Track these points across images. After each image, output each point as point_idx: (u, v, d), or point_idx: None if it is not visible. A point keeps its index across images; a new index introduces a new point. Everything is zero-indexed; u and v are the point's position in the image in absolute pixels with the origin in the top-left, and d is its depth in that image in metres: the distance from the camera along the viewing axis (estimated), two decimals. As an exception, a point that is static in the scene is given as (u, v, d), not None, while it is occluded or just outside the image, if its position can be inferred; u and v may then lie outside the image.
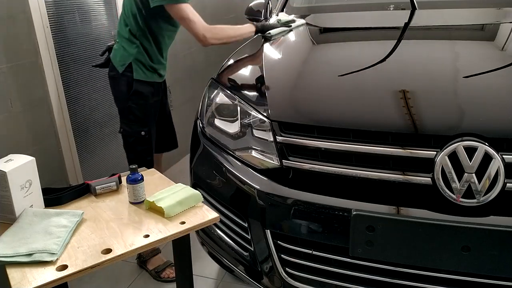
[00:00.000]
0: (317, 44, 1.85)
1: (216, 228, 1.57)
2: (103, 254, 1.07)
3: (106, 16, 2.50)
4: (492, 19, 1.76)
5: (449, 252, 1.13)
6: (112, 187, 1.39)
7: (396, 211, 1.19)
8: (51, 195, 1.32)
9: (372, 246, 1.18)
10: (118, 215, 1.25)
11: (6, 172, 1.15)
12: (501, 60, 1.43)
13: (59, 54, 2.14)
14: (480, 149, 1.09)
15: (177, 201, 1.25)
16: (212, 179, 1.52)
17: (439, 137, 1.15)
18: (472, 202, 1.12)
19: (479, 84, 1.29)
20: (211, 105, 1.60)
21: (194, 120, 1.74)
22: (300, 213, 1.27)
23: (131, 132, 1.90)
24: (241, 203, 1.40)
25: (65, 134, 2.22)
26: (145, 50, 1.87)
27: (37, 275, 0.99)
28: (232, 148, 1.46)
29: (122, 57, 1.86)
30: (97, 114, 2.46)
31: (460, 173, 1.12)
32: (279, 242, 1.34)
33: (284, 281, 1.35)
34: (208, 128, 1.59)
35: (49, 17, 2.07)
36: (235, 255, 1.49)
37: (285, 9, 2.25)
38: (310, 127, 1.29)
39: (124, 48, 1.86)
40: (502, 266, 1.11)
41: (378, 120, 1.24)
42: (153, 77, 1.91)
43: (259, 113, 1.39)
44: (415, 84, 1.34)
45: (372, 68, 1.43)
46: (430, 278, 1.19)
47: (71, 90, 2.26)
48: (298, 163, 1.30)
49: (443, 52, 1.55)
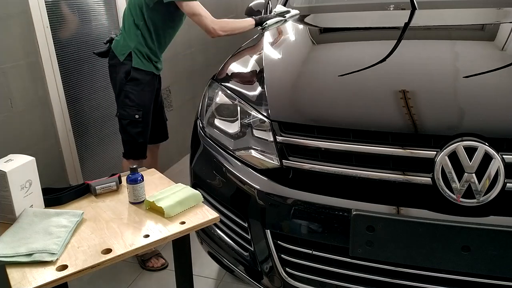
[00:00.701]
0: (317, 44, 1.85)
1: (216, 228, 1.57)
2: (103, 254, 1.07)
3: (106, 16, 2.50)
4: (492, 19, 1.76)
5: (449, 252, 1.13)
6: (112, 187, 1.39)
7: (396, 211, 1.19)
8: (51, 195, 1.32)
9: (372, 246, 1.18)
10: (118, 215, 1.25)
11: (6, 172, 1.15)
12: (501, 60, 1.43)
13: (59, 54, 2.14)
14: (480, 149, 1.09)
15: (177, 201, 1.25)
16: (212, 179, 1.52)
17: (439, 137, 1.15)
18: (472, 202, 1.12)
19: (479, 84, 1.29)
20: (211, 105, 1.60)
21: (194, 120, 1.74)
22: (300, 213, 1.27)
23: (126, 115, 2.01)
24: (241, 203, 1.40)
25: (65, 134, 2.22)
26: (145, 42, 2.00)
27: (37, 275, 0.99)
28: (232, 148, 1.46)
29: (123, 47, 2.00)
30: (97, 114, 2.46)
31: (460, 173, 1.12)
32: (279, 242, 1.34)
33: (284, 281, 1.35)
34: (208, 128, 1.59)
35: (49, 17, 2.07)
36: (235, 255, 1.49)
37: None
38: (310, 127, 1.29)
39: (125, 38, 2.01)
40: (502, 266, 1.11)
41: (378, 120, 1.24)
42: (150, 67, 2.05)
43: (259, 113, 1.39)
44: (415, 84, 1.34)
45: (372, 68, 1.43)
46: (430, 278, 1.19)
47: (71, 90, 2.26)
48: (298, 163, 1.30)
49: (443, 52, 1.55)
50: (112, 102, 2.03)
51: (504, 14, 1.82)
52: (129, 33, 2.00)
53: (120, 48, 2.01)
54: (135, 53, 1.99)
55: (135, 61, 2.00)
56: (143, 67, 2.02)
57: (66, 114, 2.22)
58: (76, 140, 2.31)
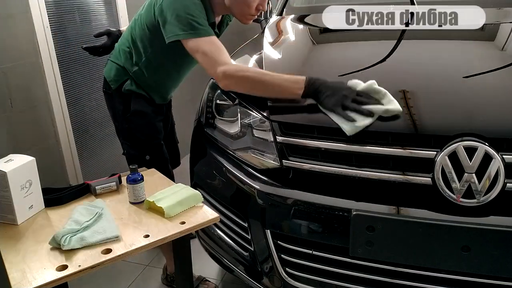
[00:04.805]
0: (317, 44, 1.85)
1: (216, 228, 1.57)
2: (103, 254, 1.07)
3: (106, 16, 2.50)
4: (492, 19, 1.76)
5: (449, 252, 1.13)
6: (112, 187, 1.39)
7: (396, 211, 1.19)
8: (51, 195, 1.32)
9: (372, 246, 1.18)
10: (118, 215, 1.25)
11: (6, 172, 1.15)
12: (501, 60, 1.43)
13: (59, 54, 2.14)
14: (480, 149, 1.09)
15: (177, 201, 1.25)
16: (212, 179, 1.52)
17: (439, 137, 1.15)
18: (472, 202, 1.12)
19: (479, 84, 1.29)
20: (211, 105, 1.60)
21: (194, 120, 1.74)
22: (300, 213, 1.27)
23: (135, 155, 1.70)
24: (241, 203, 1.40)
25: (65, 134, 2.22)
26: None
27: (37, 275, 0.99)
28: (232, 148, 1.46)
29: (117, 72, 1.66)
30: (97, 114, 2.46)
31: (460, 173, 1.11)
32: (279, 242, 1.34)
33: (284, 281, 1.35)
34: (208, 128, 1.59)
35: (49, 17, 2.07)
36: (235, 255, 1.49)
37: (285, 9, 2.24)
38: (310, 127, 1.29)
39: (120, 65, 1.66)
40: (502, 266, 1.11)
41: (378, 120, 1.24)
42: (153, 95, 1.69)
43: (259, 113, 1.39)
44: (415, 84, 1.34)
45: (372, 68, 1.43)
46: (430, 278, 1.19)
47: (71, 90, 2.26)
48: (298, 163, 1.30)
49: (443, 52, 1.55)
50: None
51: (504, 14, 1.82)
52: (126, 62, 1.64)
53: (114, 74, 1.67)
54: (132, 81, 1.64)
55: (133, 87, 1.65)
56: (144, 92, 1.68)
57: (66, 114, 2.22)
58: (76, 140, 2.31)
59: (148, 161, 1.68)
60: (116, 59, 1.68)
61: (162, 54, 1.60)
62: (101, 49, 1.81)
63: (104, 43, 1.81)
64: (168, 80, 1.72)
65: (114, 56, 1.70)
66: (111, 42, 1.80)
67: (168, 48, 1.51)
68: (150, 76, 1.65)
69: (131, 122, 1.66)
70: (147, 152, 1.69)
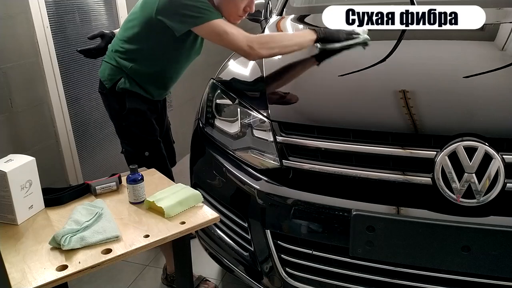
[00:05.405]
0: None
1: (216, 228, 1.57)
2: (103, 254, 1.07)
3: (106, 16, 2.50)
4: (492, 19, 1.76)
5: (449, 252, 1.13)
6: (112, 187, 1.39)
7: (396, 211, 1.19)
8: (51, 195, 1.32)
9: (372, 246, 1.18)
10: (118, 215, 1.25)
11: (6, 172, 1.15)
12: (501, 60, 1.43)
13: (59, 54, 2.14)
14: (480, 149, 1.09)
15: (177, 201, 1.25)
16: (212, 179, 1.52)
17: (439, 137, 1.15)
18: (472, 202, 1.12)
19: (479, 84, 1.29)
20: (211, 105, 1.60)
21: (194, 120, 1.74)
22: (300, 213, 1.27)
23: (133, 152, 1.72)
24: (241, 203, 1.40)
25: (65, 134, 2.22)
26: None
27: (37, 275, 0.99)
28: (232, 148, 1.46)
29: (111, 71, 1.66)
30: (97, 114, 2.46)
31: (460, 173, 1.12)
32: (279, 242, 1.34)
33: (284, 281, 1.35)
34: (208, 128, 1.59)
35: (49, 17, 2.07)
36: (235, 255, 1.49)
37: (285, 9, 2.25)
38: (310, 127, 1.29)
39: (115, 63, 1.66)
40: (502, 266, 1.11)
41: (378, 120, 1.24)
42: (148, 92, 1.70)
43: (259, 113, 1.39)
44: (415, 84, 1.34)
45: (372, 68, 1.43)
46: (430, 278, 1.19)
47: (71, 90, 2.26)
48: (298, 163, 1.30)
49: (443, 52, 1.55)
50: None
51: (504, 14, 1.82)
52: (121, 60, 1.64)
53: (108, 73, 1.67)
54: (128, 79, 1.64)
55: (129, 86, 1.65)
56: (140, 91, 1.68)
57: (66, 114, 2.22)
58: (76, 140, 2.31)
59: (147, 158, 1.68)
60: (110, 59, 1.69)
61: (163, 47, 1.62)
62: (95, 51, 1.81)
63: (98, 45, 1.81)
64: (169, 70, 1.72)
65: (108, 57, 1.71)
66: (105, 43, 1.81)
67: (169, 40, 1.56)
68: (150, 67, 1.65)
69: (128, 120, 1.68)
70: (146, 149, 1.70)
